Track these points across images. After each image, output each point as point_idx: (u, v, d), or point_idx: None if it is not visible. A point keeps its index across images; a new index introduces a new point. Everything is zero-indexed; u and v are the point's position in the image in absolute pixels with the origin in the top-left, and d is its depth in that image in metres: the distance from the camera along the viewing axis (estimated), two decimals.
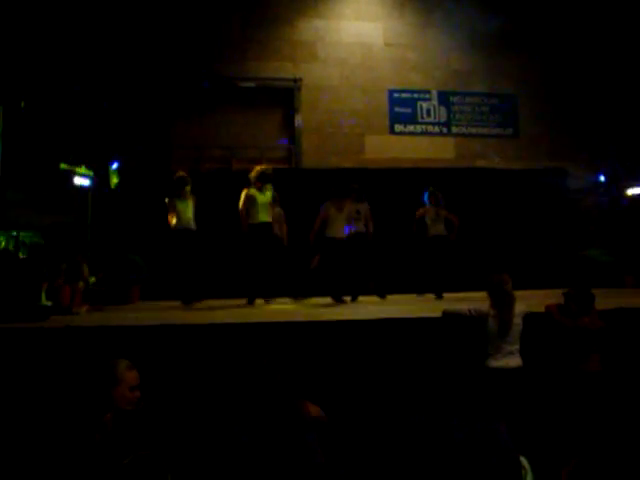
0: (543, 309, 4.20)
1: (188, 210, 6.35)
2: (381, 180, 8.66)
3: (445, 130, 10.25)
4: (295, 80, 9.71)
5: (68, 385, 3.53)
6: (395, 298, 7.03)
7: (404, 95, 10.14)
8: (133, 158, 8.73)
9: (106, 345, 3.77)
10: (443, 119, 10.25)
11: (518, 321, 3.82)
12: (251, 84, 9.57)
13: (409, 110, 10.14)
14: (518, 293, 3.94)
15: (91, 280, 6.65)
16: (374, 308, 5.78)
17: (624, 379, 3.83)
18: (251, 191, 6.23)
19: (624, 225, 9.60)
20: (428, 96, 10.21)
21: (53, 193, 8.13)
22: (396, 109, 10.10)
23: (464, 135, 10.29)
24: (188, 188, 6.41)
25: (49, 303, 5.61)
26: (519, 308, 3.86)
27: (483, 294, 4.01)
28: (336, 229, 6.44)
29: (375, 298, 6.89)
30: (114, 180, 8.59)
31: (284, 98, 9.76)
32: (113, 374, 2.39)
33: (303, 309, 5.81)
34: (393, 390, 3.79)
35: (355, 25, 10.07)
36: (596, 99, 10.16)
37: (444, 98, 10.25)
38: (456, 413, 2.15)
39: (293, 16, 9.85)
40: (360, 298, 6.80)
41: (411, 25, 10.22)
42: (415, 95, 10.17)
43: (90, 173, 8.24)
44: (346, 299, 6.54)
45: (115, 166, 8.61)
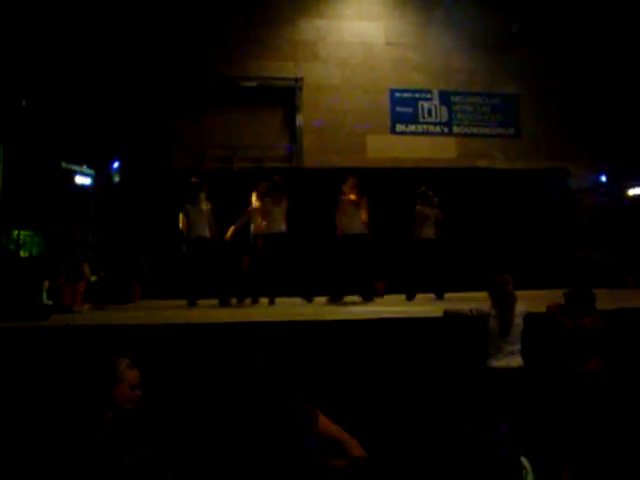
0: (544, 309, 4.20)
1: (201, 217, 6.17)
2: (382, 180, 8.64)
3: (446, 130, 10.24)
4: (296, 80, 9.70)
5: (69, 384, 3.53)
6: (391, 298, 6.97)
7: (405, 95, 10.12)
8: (134, 157, 8.74)
9: (107, 344, 3.78)
10: (444, 119, 10.23)
11: (519, 321, 3.82)
12: (252, 83, 9.56)
13: (410, 110, 10.13)
14: (519, 293, 3.94)
15: (92, 279, 6.66)
16: (375, 308, 5.78)
17: (625, 379, 3.82)
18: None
19: (625, 225, 9.59)
20: (429, 96, 10.20)
21: (54, 192, 8.14)
22: (397, 109, 10.09)
23: (465, 135, 10.27)
24: (203, 195, 6.23)
25: (50, 302, 5.63)
26: (520, 308, 3.86)
27: (484, 294, 4.01)
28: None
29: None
30: (115, 179, 8.60)
31: (285, 98, 9.75)
32: (113, 373, 2.38)
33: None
34: (394, 390, 3.79)
35: (356, 25, 10.06)
36: (598, 99, 10.14)
37: (445, 98, 10.23)
38: (457, 413, 2.15)
39: (295, 16, 9.85)
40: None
41: (412, 25, 10.20)
42: (416, 95, 10.16)
43: (91, 172, 8.26)
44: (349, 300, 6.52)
45: (116, 165, 8.62)
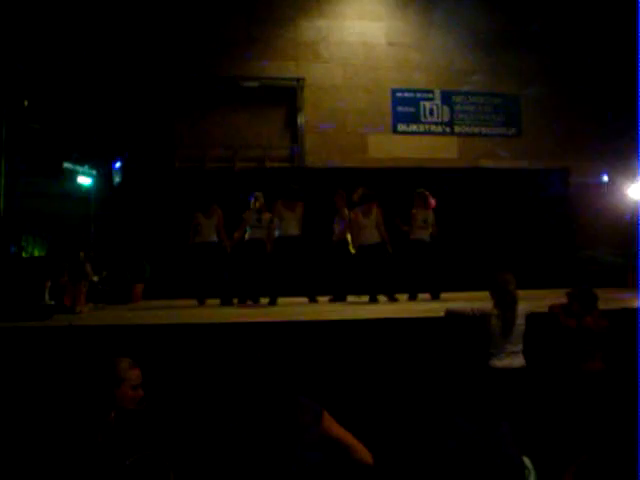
0: (545, 309, 4.19)
1: (210, 223, 6.49)
2: (384, 179, 8.63)
3: (448, 130, 10.23)
4: (298, 80, 9.71)
5: (71, 384, 3.53)
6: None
7: (407, 94, 10.12)
8: (136, 157, 8.75)
9: (109, 344, 3.78)
10: (446, 118, 10.23)
11: (521, 321, 3.80)
12: (254, 83, 9.57)
13: (412, 109, 10.12)
14: (520, 293, 3.93)
15: (94, 279, 6.67)
16: (376, 308, 5.78)
17: (627, 378, 3.81)
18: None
19: (626, 225, 9.57)
20: (431, 95, 10.19)
21: (56, 192, 8.15)
22: (399, 108, 10.08)
23: (467, 135, 10.26)
24: (215, 206, 6.58)
25: (52, 302, 5.64)
26: (522, 308, 3.85)
27: (485, 293, 4.00)
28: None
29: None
30: (117, 179, 8.61)
31: (287, 97, 9.76)
32: (115, 372, 2.37)
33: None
34: (396, 390, 3.78)
35: (358, 25, 10.05)
36: (599, 99, 10.13)
37: (447, 97, 10.23)
38: (459, 413, 2.15)
39: (296, 16, 9.85)
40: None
41: (414, 25, 10.20)
42: (418, 94, 10.15)
43: (93, 172, 8.27)
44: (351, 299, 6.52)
45: (118, 165, 8.63)
